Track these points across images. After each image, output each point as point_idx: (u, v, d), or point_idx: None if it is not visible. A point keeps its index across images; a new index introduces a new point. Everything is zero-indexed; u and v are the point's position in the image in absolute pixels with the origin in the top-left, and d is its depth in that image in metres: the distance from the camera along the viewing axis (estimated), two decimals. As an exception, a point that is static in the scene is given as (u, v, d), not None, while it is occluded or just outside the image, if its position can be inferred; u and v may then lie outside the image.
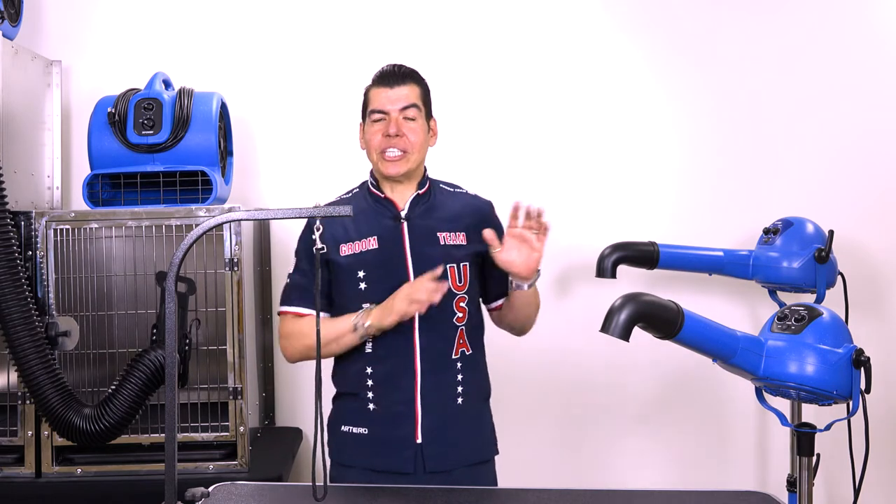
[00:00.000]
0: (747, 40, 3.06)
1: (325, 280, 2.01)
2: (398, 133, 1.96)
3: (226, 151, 2.79)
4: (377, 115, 1.99)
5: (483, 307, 2.11)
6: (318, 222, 1.57)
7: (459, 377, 1.97)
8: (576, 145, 3.08)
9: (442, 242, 1.98)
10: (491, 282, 2.07)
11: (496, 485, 2.06)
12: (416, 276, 1.94)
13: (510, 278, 1.97)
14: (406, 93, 1.99)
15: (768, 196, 3.03)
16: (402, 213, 2.00)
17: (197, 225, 1.59)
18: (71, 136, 3.01)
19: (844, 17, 3.06)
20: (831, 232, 2.59)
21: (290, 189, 3.05)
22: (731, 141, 3.07)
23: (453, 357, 1.97)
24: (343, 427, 2.00)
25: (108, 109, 2.55)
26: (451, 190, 2.11)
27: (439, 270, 1.89)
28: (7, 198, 1.80)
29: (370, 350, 1.96)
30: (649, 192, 3.07)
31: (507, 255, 1.90)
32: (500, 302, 2.09)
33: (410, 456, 1.94)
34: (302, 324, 2.01)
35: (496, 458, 2.10)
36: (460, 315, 1.98)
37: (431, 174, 2.13)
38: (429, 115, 2.06)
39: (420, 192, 2.04)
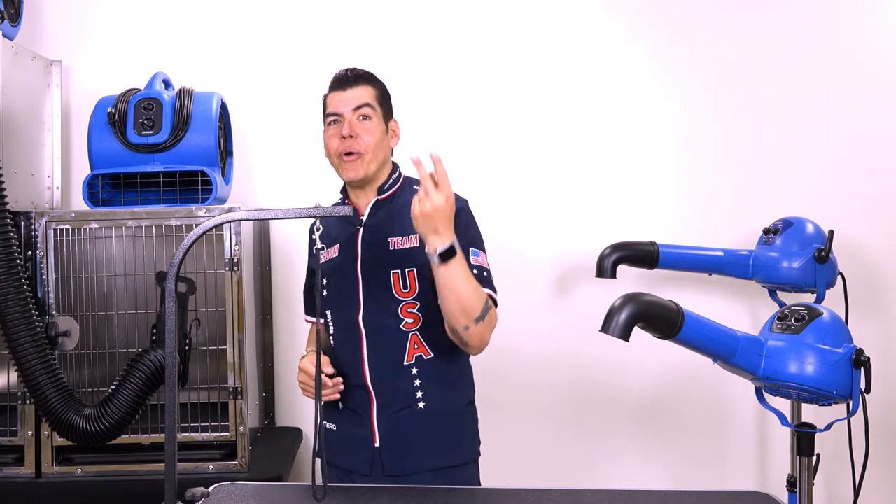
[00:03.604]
0: (747, 40, 3.06)
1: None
2: (351, 133, 1.94)
3: (226, 151, 2.79)
4: (331, 118, 1.98)
5: None
6: (317, 222, 1.58)
7: (417, 382, 1.95)
8: (576, 145, 3.08)
9: (391, 248, 1.94)
10: None
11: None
12: (364, 283, 1.95)
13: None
14: (359, 94, 1.97)
15: (768, 196, 3.03)
16: (362, 219, 1.99)
17: (197, 225, 1.59)
18: (71, 136, 3.02)
19: (844, 17, 3.06)
20: (831, 232, 2.59)
21: (290, 189, 3.05)
22: (731, 141, 3.07)
23: (406, 363, 1.94)
24: (320, 428, 2.00)
25: (108, 109, 2.55)
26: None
27: (327, 379, 1.90)
28: (7, 198, 1.80)
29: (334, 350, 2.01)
30: (649, 192, 3.08)
31: (417, 209, 1.76)
32: None
33: (368, 458, 1.94)
34: (308, 333, 2.17)
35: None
36: (409, 321, 1.94)
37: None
38: (388, 116, 2.04)
39: (381, 197, 2.01)
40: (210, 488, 1.74)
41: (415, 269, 1.93)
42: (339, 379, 1.93)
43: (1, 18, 2.52)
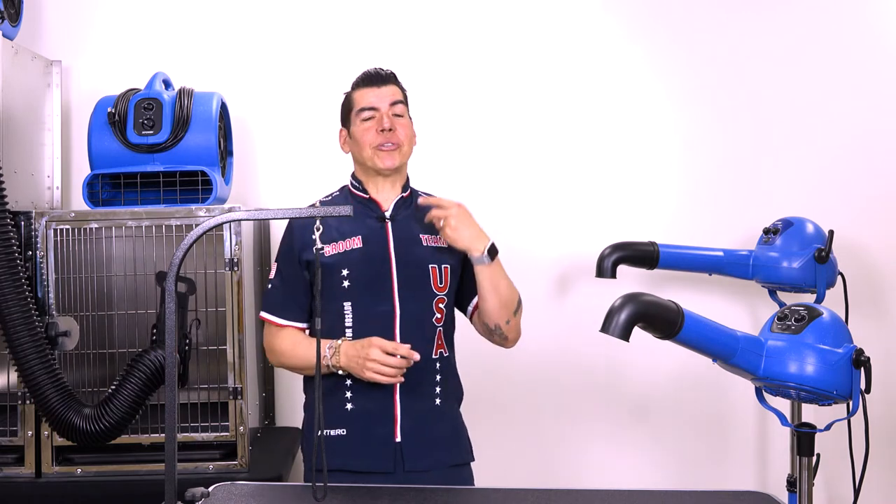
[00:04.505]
0: (747, 40, 3.06)
1: (305, 284, 2.00)
2: (391, 127, 1.98)
3: (226, 151, 2.79)
4: (368, 113, 2.00)
5: (464, 316, 2.10)
6: (317, 222, 1.57)
7: (438, 377, 1.98)
8: (576, 145, 3.08)
9: (425, 244, 2.00)
10: (465, 284, 2.05)
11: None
12: (399, 275, 1.96)
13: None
14: (393, 90, 2.03)
15: (768, 196, 3.03)
16: (387, 214, 2.01)
17: (197, 225, 1.59)
18: (71, 136, 3.01)
19: (844, 17, 3.06)
20: (831, 232, 2.59)
21: (290, 189, 3.05)
22: (731, 141, 3.07)
23: (433, 357, 1.98)
24: (320, 431, 1.99)
25: (108, 109, 2.55)
26: (428, 197, 2.10)
27: (416, 356, 1.85)
28: (7, 198, 1.80)
29: None
30: (649, 192, 3.07)
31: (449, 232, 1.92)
32: (475, 301, 2.04)
33: (390, 454, 1.94)
34: (280, 338, 2.01)
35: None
36: (439, 316, 1.99)
37: (416, 179, 2.14)
38: (410, 118, 2.08)
39: (404, 194, 2.05)
40: (210, 488, 1.74)
41: (449, 267, 2.00)
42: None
43: (1, 18, 2.52)
